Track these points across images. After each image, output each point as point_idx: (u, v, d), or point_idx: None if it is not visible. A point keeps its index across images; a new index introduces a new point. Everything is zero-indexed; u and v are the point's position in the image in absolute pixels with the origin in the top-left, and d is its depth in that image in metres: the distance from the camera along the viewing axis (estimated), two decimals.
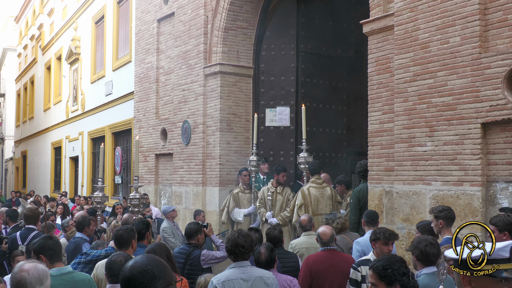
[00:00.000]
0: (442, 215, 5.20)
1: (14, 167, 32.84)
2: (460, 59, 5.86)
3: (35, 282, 3.02)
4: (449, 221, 5.20)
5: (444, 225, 5.20)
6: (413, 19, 6.41)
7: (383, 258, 3.26)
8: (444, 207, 5.35)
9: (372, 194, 7.01)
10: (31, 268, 3.07)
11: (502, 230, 4.56)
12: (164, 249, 4.98)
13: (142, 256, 2.15)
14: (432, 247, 4.16)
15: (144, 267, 2.06)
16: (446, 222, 5.21)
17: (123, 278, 2.08)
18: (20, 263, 3.24)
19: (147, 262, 2.09)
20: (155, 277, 2.05)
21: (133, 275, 2.05)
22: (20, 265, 3.15)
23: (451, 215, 5.23)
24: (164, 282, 2.06)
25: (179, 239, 8.43)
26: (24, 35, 30.83)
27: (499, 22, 5.59)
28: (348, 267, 5.16)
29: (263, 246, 4.78)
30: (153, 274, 2.05)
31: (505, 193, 5.52)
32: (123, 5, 16.07)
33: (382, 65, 6.93)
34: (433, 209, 5.45)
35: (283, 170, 9.03)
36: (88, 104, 18.73)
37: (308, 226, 6.44)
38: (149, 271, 2.05)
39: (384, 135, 6.86)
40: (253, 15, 10.73)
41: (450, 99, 5.96)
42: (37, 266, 3.12)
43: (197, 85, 11.05)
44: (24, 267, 3.09)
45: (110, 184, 16.11)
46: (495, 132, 5.60)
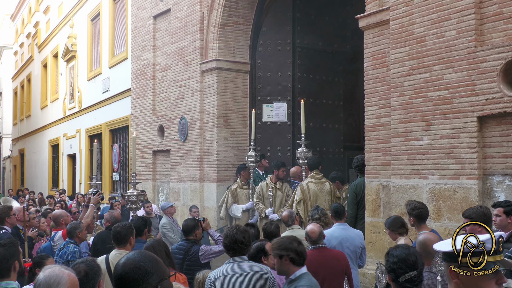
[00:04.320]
0: (414, 213, 5.30)
1: (12, 165, 32.79)
2: (456, 52, 5.86)
3: (43, 286, 2.80)
4: (420, 219, 5.28)
5: (415, 222, 5.30)
6: (409, 13, 6.41)
7: None
8: (417, 205, 5.39)
9: (369, 188, 7.02)
10: (49, 272, 2.83)
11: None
12: (162, 245, 5.00)
13: (134, 253, 2.14)
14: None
15: (136, 263, 2.06)
16: (417, 220, 5.30)
17: (116, 275, 2.08)
18: (51, 265, 3.02)
19: (139, 258, 2.08)
20: (147, 273, 2.04)
21: (126, 272, 2.05)
22: (48, 266, 2.93)
23: (422, 214, 5.29)
24: (157, 277, 2.05)
25: (178, 235, 8.45)
26: (20, 33, 30.73)
27: (495, 16, 5.59)
28: (338, 263, 5.17)
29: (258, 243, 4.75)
30: (146, 271, 2.05)
31: (502, 186, 5.53)
32: (119, 2, 16.02)
33: (378, 60, 6.93)
34: (407, 203, 5.48)
35: (283, 165, 9.05)
36: (85, 102, 18.70)
37: (290, 221, 6.47)
38: (142, 267, 2.05)
39: (381, 129, 6.87)
40: (249, 11, 10.70)
41: (446, 93, 5.96)
42: (54, 271, 2.85)
43: (194, 81, 11.04)
44: (46, 270, 2.87)
45: (108, 181, 16.10)
46: (491, 125, 5.61)
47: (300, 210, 7.82)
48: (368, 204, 7.04)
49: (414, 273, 2.99)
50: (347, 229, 6.14)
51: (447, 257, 2.24)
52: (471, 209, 4.84)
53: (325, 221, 6.40)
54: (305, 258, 4.18)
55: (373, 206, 6.94)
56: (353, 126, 12.21)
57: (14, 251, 3.70)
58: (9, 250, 3.66)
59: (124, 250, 5.03)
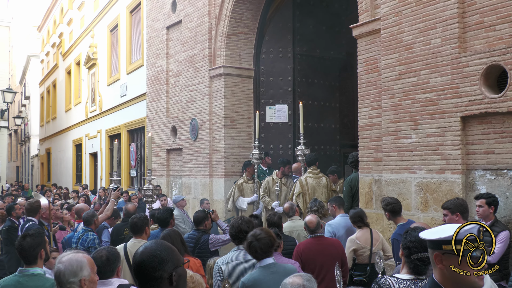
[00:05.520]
0: (388, 208, 5.42)
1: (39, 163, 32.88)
2: (441, 58, 5.85)
3: (69, 274, 2.82)
4: (394, 213, 5.41)
5: (391, 216, 5.44)
6: (398, 23, 6.40)
7: None
8: (390, 200, 5.45)
9: (362, 182, 7.02)
10: (67, 260, 2.86)
11: (454, 212, 4.79)
12: (178, 234, 5.01)
13: (151, 242, 2.15)
14: None
15: (153, 252, 2.07)
16: (392, 214, 5.42)
17: (135, 263, 2.09)
18: (62, 254, 3.02)
19: (156, 247, 2.09)
20: (163, 260, 2.05)
21: (143, 260, 2.06)
22: (60, 256, 2.95)
23: (395, 209, 5.41)
24: (172, 265, 2.06)
25: (189, 225, 8.48)
26: (46, 43, 30.80)
27: (476, 24, 5.57)
28: (335, 250, 5.18)
29: None
30: (162, 258, 2.05)
31: (483, 180, 5.52)
32: (135, 14, 16.05)
33: (370, 65, 6.92)
34: (382, 200, 5.51)
35: (288, 163, 9.06)
36: (105, 105, 18.74)
37: (291, 212, 6.51)
38: (158, 255, 2.06)
39: (373, 128, 6.86)
40: (253, 22, 10.70)
41: (432, 95, 5.95)
42: (73, 258, 2.89)
43: (203, 86, 11.05)
44: (62, 259, 2.89)
45: (126, 177, 16.15)
46: (474, 124, 5.60)
47: (300, 203, 7.83)
48: (361, 197, 7.04)
49: (426, 254, 2.99)
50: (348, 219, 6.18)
51: (432, 245, 2.24)
52: (449, 201, 4.95)
53: (323, 213, 6.42)
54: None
55: (366, 198, 6.94)
56: (348, 125, 12.19)
57: (41, 240, 3.72)
58: (36, 240, 3.69)
59: (140, 239, 5.05)
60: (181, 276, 2.10)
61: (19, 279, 3.53)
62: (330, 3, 11.70)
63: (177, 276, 2.07)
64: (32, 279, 3.53)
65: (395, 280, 2.89)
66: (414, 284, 2.90)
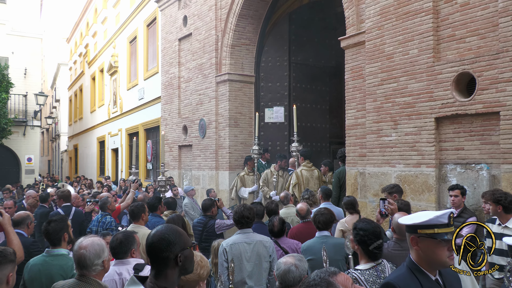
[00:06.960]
0: (348, 207, 5.40)
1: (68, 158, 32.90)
2: (418, 66, 5.84)
3: (94, 256, 2.78)
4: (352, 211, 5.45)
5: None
6: (380, 36, 6.38)
7: None
8: (349, 200, 5.41)
9: (349, 175, 7.02)
10: (89, 245, 2.80)
11: (392, 193, 5.23)
12: (180, 219, 5.00)
13: (162, 226, 2.13)
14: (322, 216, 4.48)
15: (162, 235, 2.06)
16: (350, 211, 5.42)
17: (147, 244, 2.08)
18: (79, 240, 2.90)
19: (165, 231, 2.07)
20: (171, 243, 2.04)
21: (154, 241, 2.05)
22: (79, 242, 2.86)
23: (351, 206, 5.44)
24: (179, 247, 2.04)
25: (198, 212, 8.48)
26: (73, 52, 30.77)
27: (449, 37, 5.56)
28: None
29: (276, 219, 4.71)
30: (169, 241, 2.04)
31: (454, 173, 5.51)
32: (151, 28, 16.02)
33: (356, 73, 6.91)
34: (344, 204, 5.46)
35: (285, 157, 9.07)
36: (125, 107, 18.73)
37: (285, 201, 6.50)
38: (166, 238, 2.04)
39: (358, 128, 6.85)
40: (254, 34, 10.68)
41: (410, 99, 5.94)
42: (94, 242, 2.83)
43: (210, 91, 11.04)
44: (82, 244, 2.81)
45: (143, 170, 16.15)
46: (446, 124, 5.59)
47: (296, 192, 7.83)
48: (348, 187, 7.04)
49: (380, 241, 2.95)
50: (332, 207, 6.16)
51: (409, 229, 2.25)
52: (386, 186, 5.44)
53: (313, 200, 6.42)
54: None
55: (352, 188, 6.94)
56: (336, 125, 12.19)
57: (63, 225, 3.73)
58: (59, 225, 3.70)
59: (138, 224, 5.00)
60: (187, 257, 2.07)
61: (45, 259, 3.54)
62: (321, 18, 11.68)
63: (183, 257, 2.05)
64: (57, 258, 3.54)
65: (359, 272, 2.84)
66: (375, 270, 2.86)
